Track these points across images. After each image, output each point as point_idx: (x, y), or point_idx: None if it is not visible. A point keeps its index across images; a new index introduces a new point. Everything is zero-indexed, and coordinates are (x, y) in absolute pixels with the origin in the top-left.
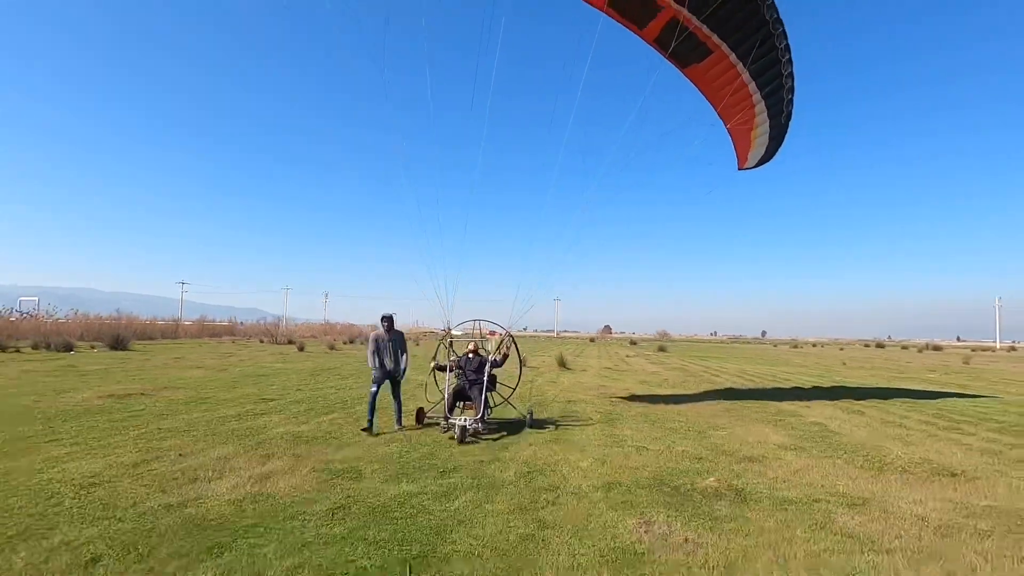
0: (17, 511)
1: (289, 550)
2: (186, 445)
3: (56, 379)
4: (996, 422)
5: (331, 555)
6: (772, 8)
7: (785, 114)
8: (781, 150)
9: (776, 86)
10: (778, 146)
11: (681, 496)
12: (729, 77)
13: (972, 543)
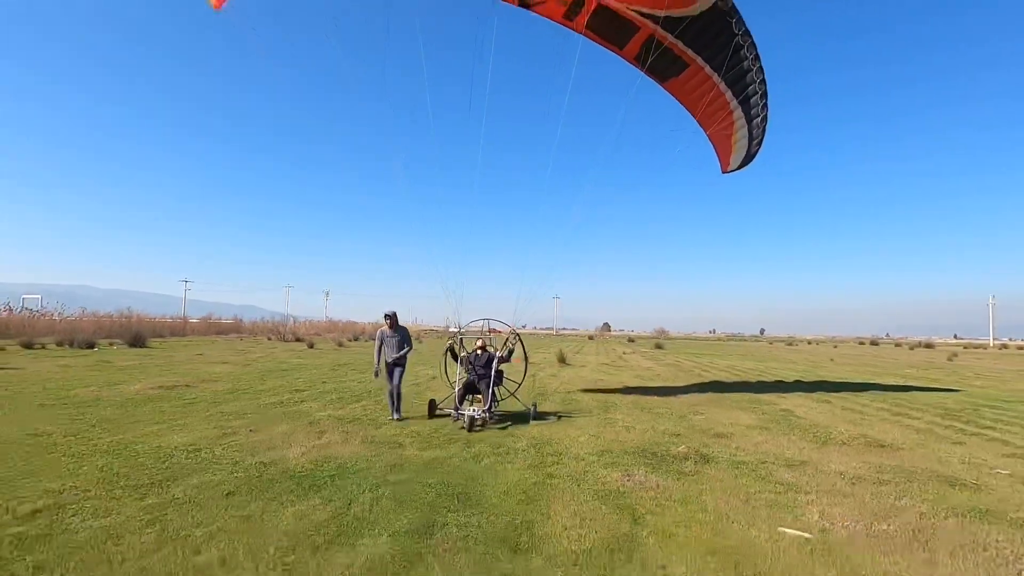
0: (152, 466)
1: (367, 488)
2: (251, 424)
3: (99, 373)
4: (943, 409)
5: (398, 490)
6: (740, 23)
7: (760, 117)
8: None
9: (750, 92)
10: (758, 147)
11: (657, 459)
12: (706, 88)
13: (870, 488)
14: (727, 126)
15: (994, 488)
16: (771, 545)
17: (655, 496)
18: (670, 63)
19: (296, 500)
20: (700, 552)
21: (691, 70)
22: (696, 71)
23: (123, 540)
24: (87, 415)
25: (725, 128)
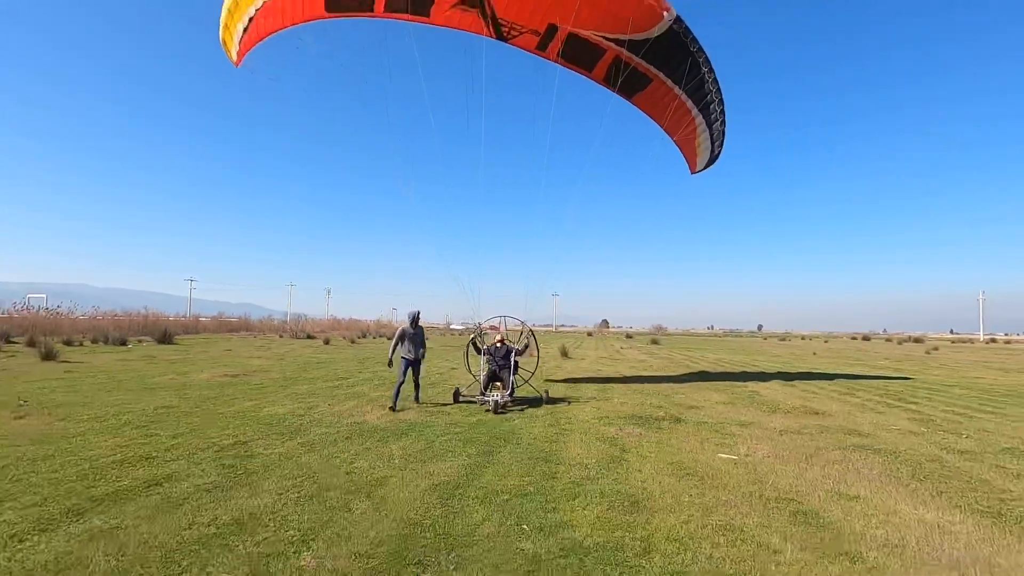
0: (277, 424)
1: (439, 435)
2: (324, 401)
3: (159, 366)
4: (885, 391)
5: (461, 436)
6: (694, 41)
7: (719, 121)
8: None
9: (708, 100)
10: (720, 148)
11: (642, 421)
12: (669, 99)
13: (791, 436)
14: (691, 132)
15: (881, 437)
16: (709, 462)
17: (637, 439)
18: (635, 80)
19: (394, 440)
20: (661, 465)
21: (654, 84)
22: (659, 85)
23: (299, 459)
24: (189, 395)
25: (689, 133)
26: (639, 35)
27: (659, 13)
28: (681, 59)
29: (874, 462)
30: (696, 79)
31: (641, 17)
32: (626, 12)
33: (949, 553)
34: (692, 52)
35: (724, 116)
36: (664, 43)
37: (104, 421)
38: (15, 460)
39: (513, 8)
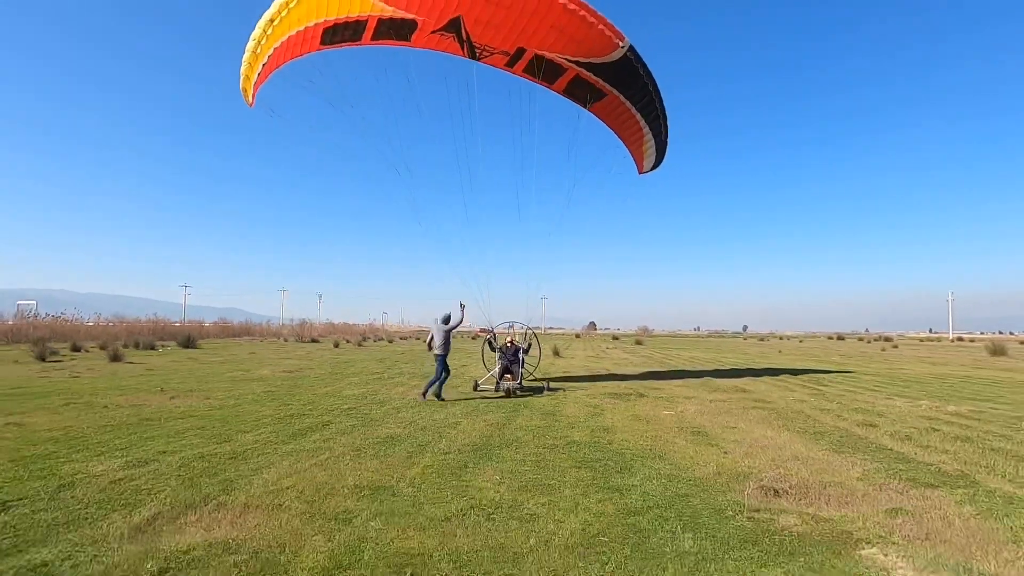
0: (358, 400)
1: (478, 403)
2: (380, 388)
3: (212, 365)
4: (812, 378)
5: (492, 405)
6: (644, 67)
7: (663, 134)
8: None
9: (654, 115)
10: (662, 155)
11: (616, 396)
12: (621, 111)
13: (719, 404)
14: (639, 139)
15: (777, 403)
16: (655, 414)
17: (612, 404)
18: (592, 93)
19: (447, 407)
20: (625, 416)
21: (610, 98)
22: (613, 99)
23: (396, 415)
24: (275, 384)
25: (637, 140)
26: (596, 59)
27: (615, 43)
28: (632, 81)
29: (759, 414)
30: (645, 98)
31: (599, 46)
32: (587, 41)
33: (780, 449)
34: (642, 75)
35: (667, 129)
36: (618, 67)
37: (241, 398)
38: (223, 415)
39: (487, 35)
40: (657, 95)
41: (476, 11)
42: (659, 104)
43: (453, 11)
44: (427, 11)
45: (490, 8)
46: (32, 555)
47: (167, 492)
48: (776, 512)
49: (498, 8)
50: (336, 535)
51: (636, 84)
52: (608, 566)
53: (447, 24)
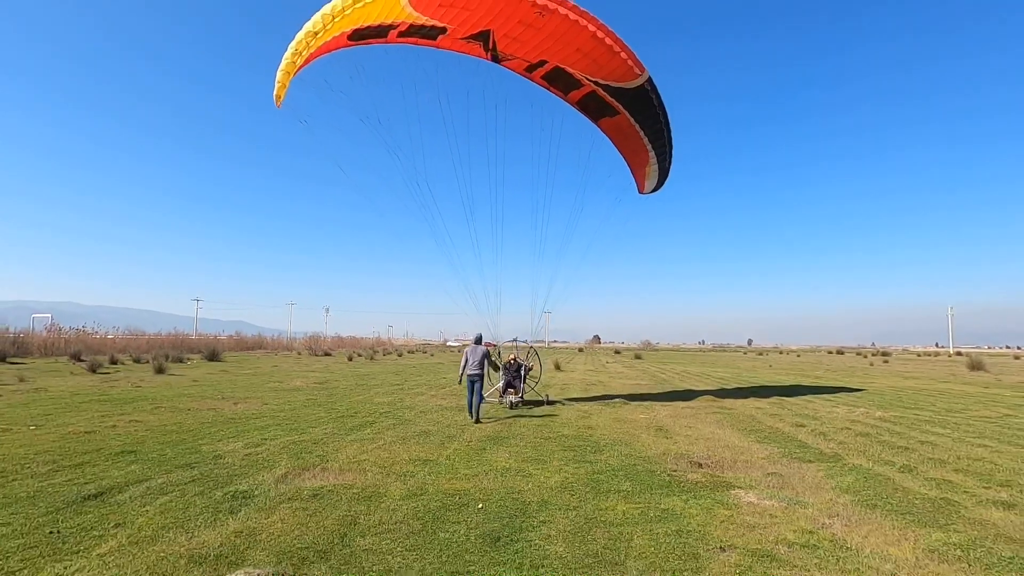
0: (391, 405)
1: (490, 414)
2: (404, 396)
3: (246, 377)
4: (781, 389)
5: (497, 414)
6: (658, 97)
7: (667, 160)
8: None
9: (661, 142)
10: (664, 179)
11: (605, 402)
12: (630, 132)
13: (689, 409)
14: (643, 161)
15: (739, 410)
16: (632, 417)
17: (598, 411)
18: (605, 109)
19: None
20: (607, 418)
21: (621, 117)
22: (624, 119)
23: (427, 416)
24: (313, 393)
25: (641, 162)
26: (615, 83)
27: (636, 73)
28: (646, 108)
29: (717, 418)
30: (655, 126)
31: (621, 72)
32: (609, 67)
33: (717, 440)
34: (655, 105)
35: (672, 158)
36: (635, 94)
37: (291, 404)
38: (286, 416)
39: (513, 46)
40: (667, 125)
41: (507, 28)
42: (667, 134)
43: (485, 25)
44: (459, 22)
45: (521, 28)
46: (231, 488)
47: (285, 461)
48: (689, 473)
49: (528, 29)
50: (406, 482)
51: (649, 112)
52: (576, 496)
53: (476, 34)
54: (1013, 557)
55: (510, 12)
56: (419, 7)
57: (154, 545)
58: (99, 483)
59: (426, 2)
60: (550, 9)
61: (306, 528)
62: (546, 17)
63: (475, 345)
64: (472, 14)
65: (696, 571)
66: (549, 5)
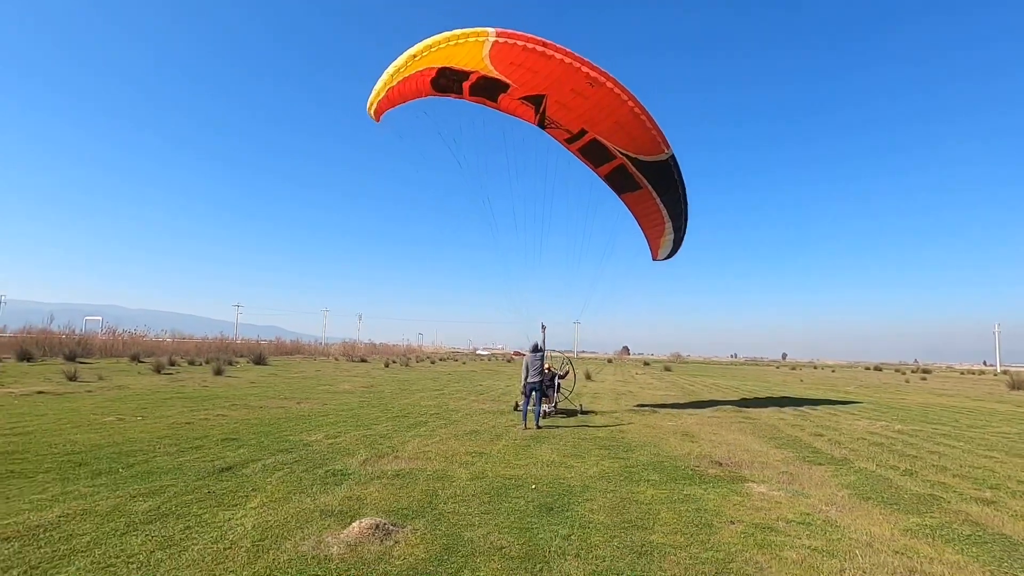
0: (437, 407)
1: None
2: (448, 400)
3: (296, 380)
4: (811, 406)
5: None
6: (679, 171)
7: (682, 230)
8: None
9: (678, 212)
10: (677, 248)
11: (635, 412)
12: (649, 204)
13: (715, 419)
14: (659, 232)
15: (763, 420)
16: (662, 424)
17: (629, 418)
18: (630, 183)
19: (503, 416)
20: (640, 425)
21: (643, 191)
22: (646, 192)
23: (472, 417)
24: (362, 397)
25: (657, 233)
26: (642, 157)
27: (662, 148)
28: (667, 181)
29: (741, 426)
30: (674, 198)
31: (650, 147)
32: (640, 140)
33: (738, 445)
34: (676, 179)
35: (685, 229)
36: (659, 167)
37: (347, 405)
38: (348, 414)
39: (560, 112)
40: (684, 198)
41: (560, 95)
42: (684, 206)
43: (543, 90)
44: (523, 82)
45: (572, 95)
46: (328, 467)
47: (363, 450)
48: (710, 469)
49: (578, 97)
50: (468, 468)
51: (670, 185)
52: (612, 483)
53: (532, 96)
54: (971, 535)
55: (566, 79)
56: (495, 62)
57: (288, 503)
58: (222, 461)
59: (500, 59)
60: (599, 81)
61: (398, 496)
62: (595, 88)
63: (533, 354)
64: (535, 76)
65: (709, 535)
66: (599, 78)
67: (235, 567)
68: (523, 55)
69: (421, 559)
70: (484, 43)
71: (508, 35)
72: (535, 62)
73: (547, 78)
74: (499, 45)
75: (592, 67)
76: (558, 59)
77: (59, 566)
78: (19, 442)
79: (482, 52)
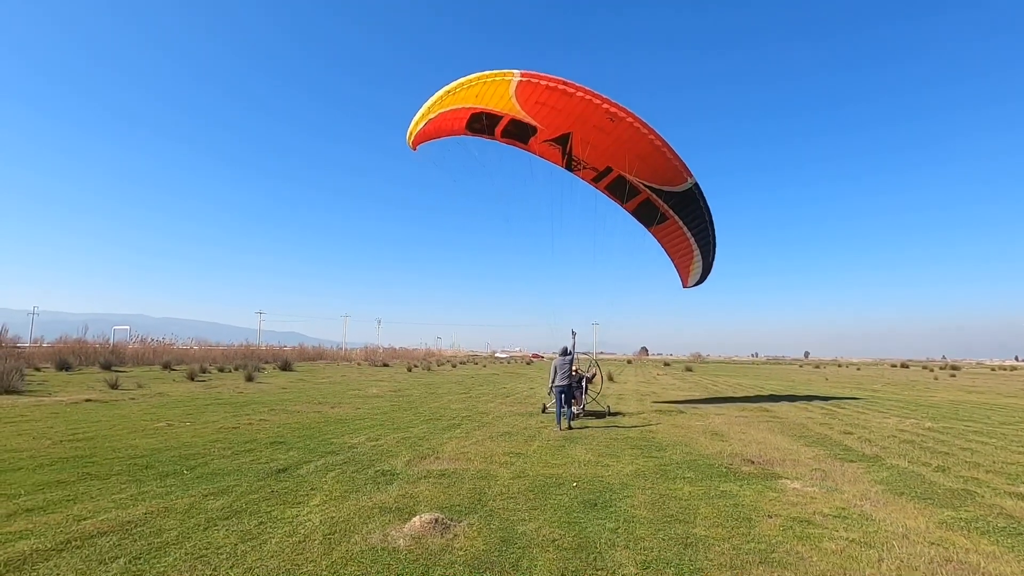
0: (466, 410)
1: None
2: (476, 403)
3: (324, 385)
4: (837, 404)
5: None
6: (703, 199)
7: (710, 258)
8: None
9: (705, 240)
10: (707, 274)
11: (662, 412)
12: (677, 235)
13: (741, 418)
14: (688, 260)
15: (790, 418)
16: (690, 423)
17: (657, 419)
18: (656, 215)
19: (533, 417)
20: (668, 425)
21: (670, 222)
22: (673, 223)
23: (502, 419)
24: (392, 401)
25: (686, 261)
26: (667, 187)
27: (684, 178)
28: (693, 209)
29: (768, 425)
30: (700, 225)
31: (673, 177)
32: (664, 171)
33: (768, 443)
34: (701, 206)
35: (714, 254)
36: (683, 196)
37: (379, 408)
38: (383, 418)
39: (586, 151)
40: (711, 224)
41: (584, 132)
42: (711, 232)
43: (567, 128)
44: (548, 123)
45: (595, 132)
46: (376, 468)
47: (405, 451)
48: (743, 467)
49: (600, 133)
50: (509, 468)
51: (695, 212)
52: (648, 481)
53: (559, 136)
54: (1005, 527)
55: (587, 116)
56: (521, 101)
57: (347, 501)
58: (277, 463)
59: (525, 98)
60: (620, 116)
61: (448, 494)
62: (616, 123)
63: (561, 357)
64: (559, 115)
65: (749, 528)
66: (619, 113)
67: (314, 557)
68: (546, 94)
69: (482, 550)
70: (510, 83)
71: (531, 75)
72: (557, 100)
73: (570, 116)
74: (523, 84)
75: (612, 103)
76: (579, 96)
77: (158, 556)
78: (84, 447)
79: (509, 91)
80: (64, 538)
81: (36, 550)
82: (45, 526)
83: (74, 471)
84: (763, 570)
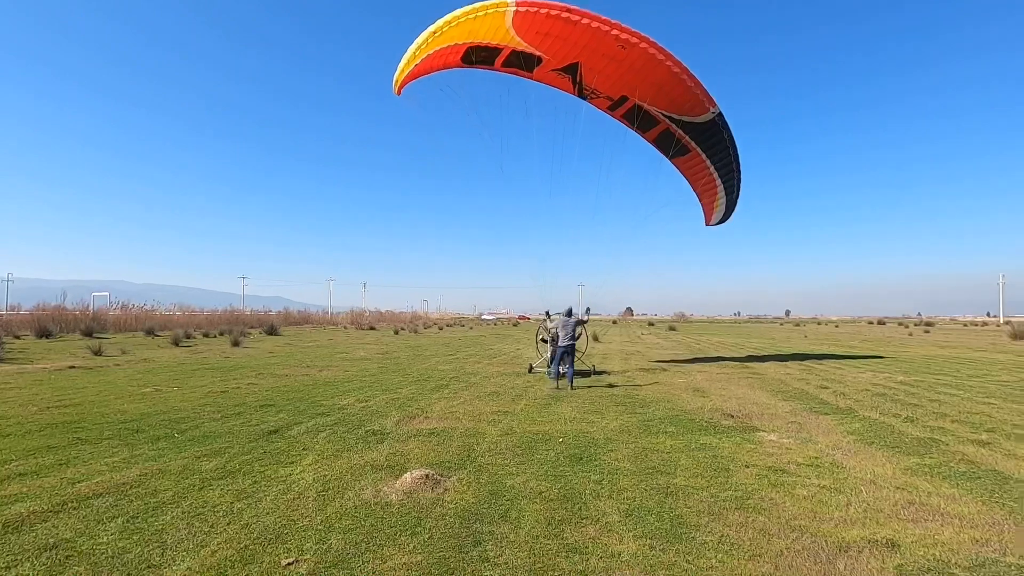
0: (455, 371)
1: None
2: (463, 364)
3: (312, 348)
4: (816, 361)
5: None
6: (728, 129)
7: (735, 194)
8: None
9: (730, 176)
10: (731, 213)
11: (647, 370)
12: (700, 168)
13: (723, 375)
14: (712, 195)
15: (769, 375)
16: (672, 381)
17: (641, 376)
18: (677, 147)
19: (520, 377)
20: (650, 382)
21: (692, 154)
22: (695, 155)
23: (492, 380)
24: (380, 363)
25: (710, 196)
26: (688, 118)
27: (707, 107)
28: (716, 142)
29: (749, 381)
30: (724, 159)
31: (694, 107)
32: (683, 101)
33: (747, 399)
34: (725, 139)
35: (739, 190)
36: (706, 128)
37: (367, 371)
38: (371, 380)
39: (597, 79)
40: (736, 159)
41: (593, 61)
42: (736, 167)
43: (574, 58)
44: (553, 53)
45: (605, 61)
46: (366, 428)
47: (394, 411)
48: (722, 421)
49: (611, 61)
50: (496, 425)
51: (719, 145)
52: (632, 436)
53: (566, 67)
54: (965, 471)
55: (595, 45)
56: (520, 32)
57: (339, 460)
58: (268, 424)
59: (526, 28)
60: (631, 43)
61: (438, 451)
62: (627, 50)
63: (566, 318)
64: (564, 44)
65: (727, 478)
66: (631, 39)
67: (308, 513)
68: (547, 23)
69: (472, 503)
70: (505, 13)
71: (528, 3)
72: (562, 29)
73: (576, 45)
74: (521, 14)
75: (623, 29)
76: (584, 24)
77: (155, 515)
78: (72, 412)
79: (505, 23)
80: (60, 500)
81: (33, 512)
82: (40, 489)
83: (64, 436)
84: (739, 515)
